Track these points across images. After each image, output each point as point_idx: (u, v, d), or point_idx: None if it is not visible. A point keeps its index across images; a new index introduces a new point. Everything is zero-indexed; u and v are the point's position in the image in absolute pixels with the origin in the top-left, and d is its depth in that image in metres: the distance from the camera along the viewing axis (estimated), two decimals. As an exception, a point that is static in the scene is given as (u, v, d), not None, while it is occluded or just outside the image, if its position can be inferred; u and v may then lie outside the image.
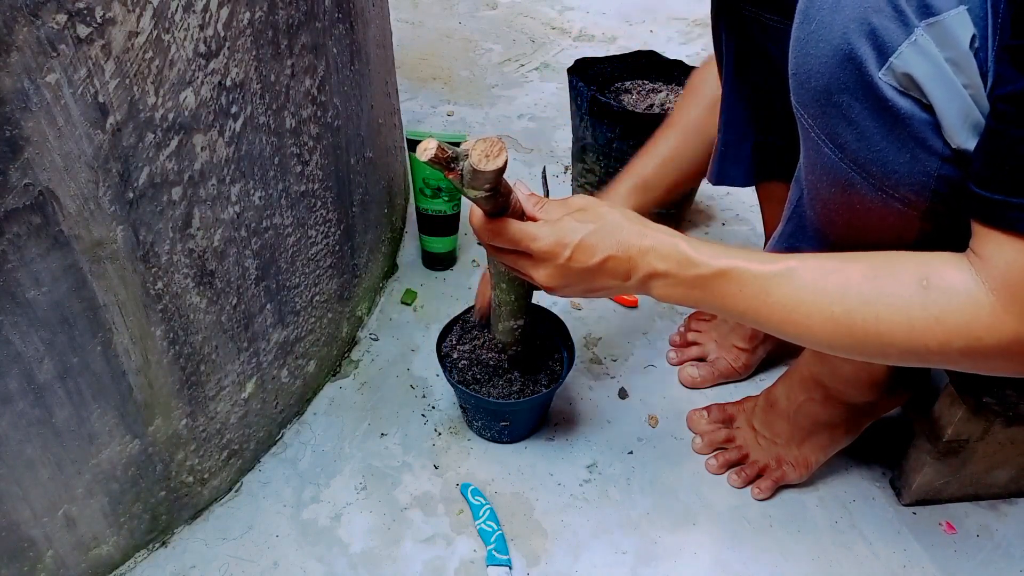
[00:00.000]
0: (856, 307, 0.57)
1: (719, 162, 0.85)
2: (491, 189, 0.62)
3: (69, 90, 0.51)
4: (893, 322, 0.56)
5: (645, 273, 0.64)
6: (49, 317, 0.58)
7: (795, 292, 0.59)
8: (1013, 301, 0.52)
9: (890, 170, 0.57)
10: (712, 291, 0.62)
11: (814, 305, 0.58)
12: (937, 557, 0.81)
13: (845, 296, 0.57)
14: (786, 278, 0.60)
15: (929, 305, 0.55)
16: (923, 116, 0.54)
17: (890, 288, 0.56)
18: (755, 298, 0.61)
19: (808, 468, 0.85)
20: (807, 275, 0.59)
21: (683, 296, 0.64)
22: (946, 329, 0.55)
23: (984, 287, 0.53)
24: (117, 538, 0.74)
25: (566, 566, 0.79)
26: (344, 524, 0.82)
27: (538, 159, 1.40)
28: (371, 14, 0.96)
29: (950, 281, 0.54)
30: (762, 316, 0.61)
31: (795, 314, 0.59)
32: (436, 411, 0.94)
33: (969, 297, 0.54)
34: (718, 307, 0.63)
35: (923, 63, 0.52)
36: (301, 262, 0.84)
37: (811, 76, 0.58)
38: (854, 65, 0.55)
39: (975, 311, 0.53)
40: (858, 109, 0.56)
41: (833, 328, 0.58)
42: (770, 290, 0.60)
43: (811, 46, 0.58)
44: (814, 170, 0.63)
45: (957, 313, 0.54)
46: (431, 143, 0.59)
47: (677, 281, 0.63)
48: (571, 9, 1.96)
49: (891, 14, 0.53)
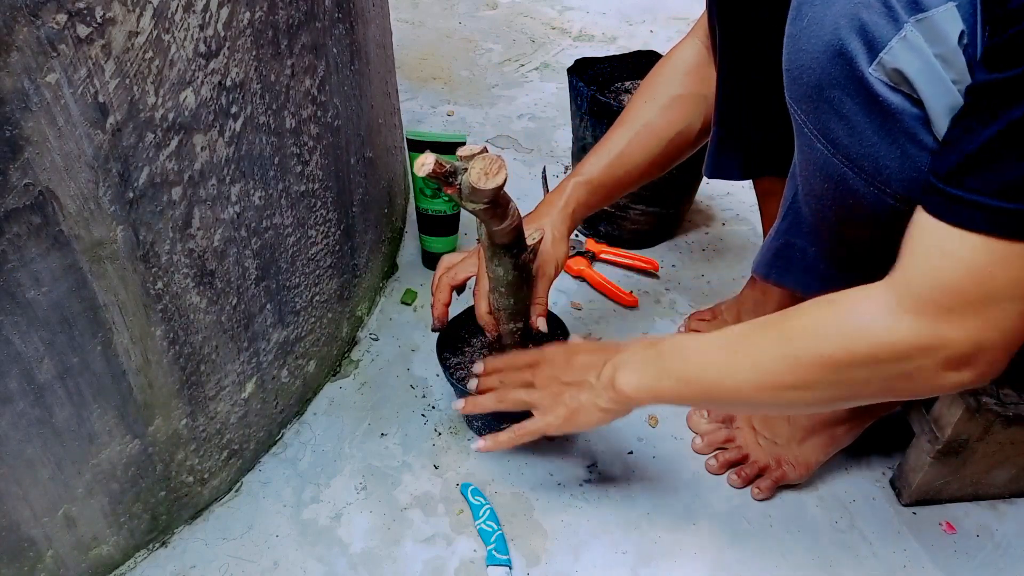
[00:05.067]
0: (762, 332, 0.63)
1: (714, 156, 0.85)
2: (490, 203, 0.62)
3: (69, 90, 0.51)
4: (803, 336, 0.60)
5: (616, 359, 0.71)
6: (49, 317, 0.58)
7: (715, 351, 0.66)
8: (910, 296, 0.53)
9: (881, 165, 0.57)
10: (664, 360, 0.68)
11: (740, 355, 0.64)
12: (937, 557, 0.81)
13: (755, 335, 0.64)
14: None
15: (832, 312, 0.59)
16: (913, 111, 0.54)
17: (801, 310, 0.61)
18: (700, 356, 0.67)
19: (808, 468, 0.85)
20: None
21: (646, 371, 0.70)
22: (847, 333, 0.57)
23: (887, 289, 0.55)
24: (117, 538, 0.74)
25: (566, 566, 0.79)
26: (344, 524, 0.82)
27: (538, 159, 1.40)
28: (371, 14, 0.96)
29: (857, 289, 0.57)
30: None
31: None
32: (436, 411, 0.94)
33: (868, 296, 0.56)
34: (677, 374, 0.67)
35: (913, 58, 0.52)
36: (301, 262, 0.84)
37: (803, 72, 0.59)
38: (844, 60, 0.55)
39: (875, 311, 0.56)
40: (849, 104, 0.56)
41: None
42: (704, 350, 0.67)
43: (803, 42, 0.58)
44: (807, 166, 0.63)
45: (857, 314, 0.57)
46: (429, 158, 0.59)
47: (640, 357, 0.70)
48: (571, 9, 1.96)
49: (881, 10, 0.53)
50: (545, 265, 0.81)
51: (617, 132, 0.87)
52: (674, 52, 0.89)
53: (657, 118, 0.86)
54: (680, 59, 0.88)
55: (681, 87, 0.86)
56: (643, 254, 1.18)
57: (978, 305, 0.51)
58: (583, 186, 0.85)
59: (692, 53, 0.87)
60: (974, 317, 0.51)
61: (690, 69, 0.87)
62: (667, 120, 0.86)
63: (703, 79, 0.85)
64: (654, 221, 1.18)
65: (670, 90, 0.86)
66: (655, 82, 0.88)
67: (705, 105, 0.86)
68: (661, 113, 0.86)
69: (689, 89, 0.86)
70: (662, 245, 1.22)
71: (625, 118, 0.88)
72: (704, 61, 0.86)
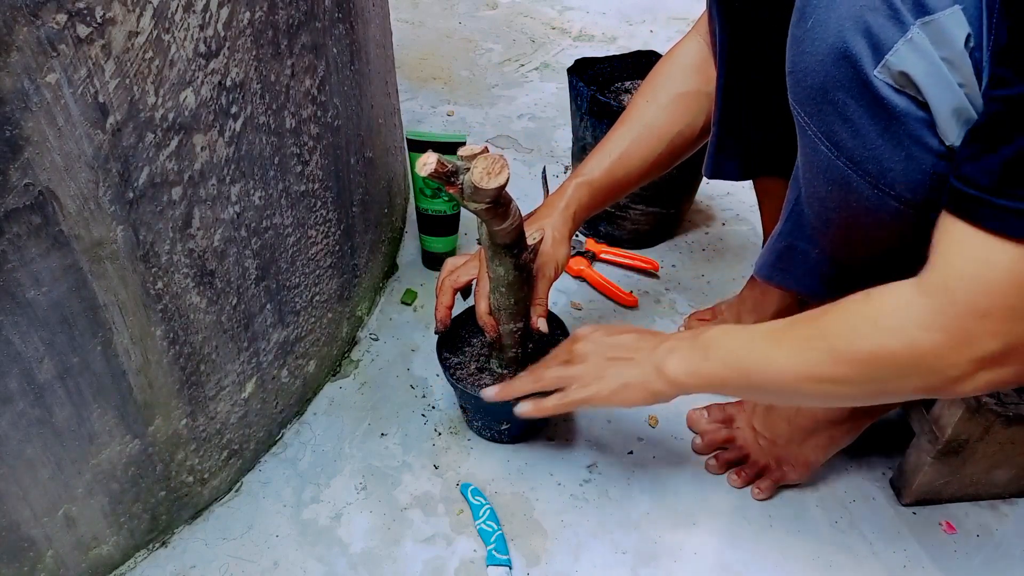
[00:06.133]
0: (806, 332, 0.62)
1: (714, 156, 0.85)
2: (492, 202, 0.62)
3: (69, 90, 0.51)
4: (841, 332, 0.59)
5: (664, 345, 0.71)
6: (49, 317, 0.58)
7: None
8: (948, 301, 0.53)
9: (886, 168, 0.57)
10: (710, 348, 0.68)
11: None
12: (937, 557, 0.81)
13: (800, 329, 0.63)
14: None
15: (867, 309, 0.58)
16: (919, 114, 0.54)
17: (839, 306, 0.60)
18: (742, 349, 0.66)
19: (808, 468, 0.85)
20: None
21: (691, 359, 0.69)
22: (884, 331, 0.56)
23: (922, 291, 0.54)
24: (117, 538, 0.74)
25: (566, 566, 0.79)
26: (344, 524, 0.82)
27: (538, 159, 1.40)
28: (371, 14, 0.96)
29: (890, 288, 0.56)
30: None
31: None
32: (436, 411, 0.94)
33: (902, 296, 0.55)
34: (723, 360, 0.67)
35: (918, 61, 0.52)
36: (301, 262, 0.84)
37: (807, 74, 0.58)
38: (849, 63, 0.55)
39: (909, 310, 0.55)
40: (854, 107, 0.56)
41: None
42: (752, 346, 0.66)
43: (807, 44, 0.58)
44: (811, 168, 0.63)
45: (895, 315, 0.56)
46: (431, 157, 0.59)
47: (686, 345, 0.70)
48: (571, 9, 1.96)
49: (886, 13, 0.53)
50: (545, 266, 0.81)
51: (618, 132, 0.87)
52: (676, 50, 0.89)
53: (658, 117, 0.86)
54: (682, 57, 0.88)
55: (683, 85, 0.86)
56: (643, 254, 1.18)
57: (1017, 310, 0.51)
58: (584, 187, 0.85)
59: (694, 51, 0.87)
60: (1011, 322, 0.51)
61: (692, 67, 0.86)
62: (669, 119, 0.86)
63: (705, 77, 0.85)
64: (654, 221, 1.18)
65: (672, 89, 0.86)
66: (656, 81, 0.88)
67: (707, 103, 0.85)
68: (662, 112, 0.86)
69: (691, 87, 0.86)
70: (662, 245, 1.22)
71: (626, 118, 0.88)
72: (706, 59, 0.86)
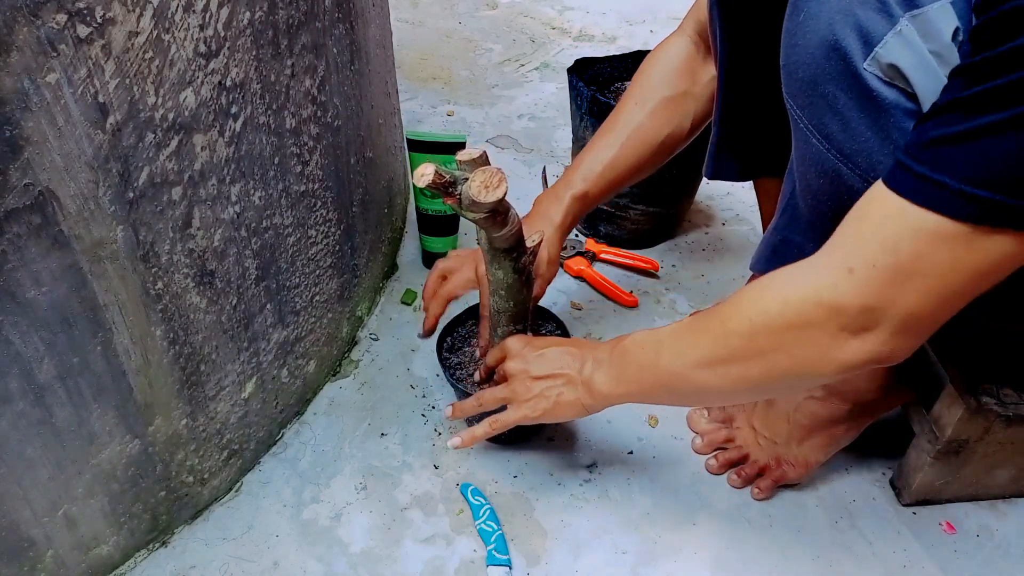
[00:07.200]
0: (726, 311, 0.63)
1: (714, 157, 0.85)
2: (490, 212, 0.62)
3: (69, 90, 0.51)
4: (728, 310, 0.62)
5: (593, 355, 0.73)
6: (49, 317, 0.58)
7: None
8: (828, 257, 0.55)
9: (875, 160, 0.57)
10: (627, 354, 0.70)
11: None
12: (937, 557, 0.81)
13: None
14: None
15: (759, 283, 0.60)
16: (907, 105, 0.54)
17: (738, 290, 0.63)
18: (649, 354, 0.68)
19: (808, 468, 0.85)
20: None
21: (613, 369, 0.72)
22: (764, 298, 0.59)
23: (815, 257, 0.56)
24: (117, 538, 0.74)
25: (566, 566, 0.79)
26: (344, 524, 0.82)
27: (538, 159, 1.40)
28: (371, 14, 0.96)
29: (808, 258, 0.58)
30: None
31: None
32: (436, 411, 0.94)
33: (793, 266, 0.58)
34: (637, 363, 0.69)
35: (908, 53, 0.53)
36: (301, 262, 0.84)
37: (799, 67, 0.59)
38: (839, 55, 0.55)
39: (791, 275, 0.58)
40: (843, 99, 0.57)
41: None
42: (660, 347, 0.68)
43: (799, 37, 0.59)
44: (803, 161, 0.64)
45: (778, 282, 0.59)
46: (428, 168, 0.59)
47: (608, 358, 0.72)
48: (571, 9, 1.96)
49: (876, 6, 0.54)
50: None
51: (608, 137, 0.88)
52: (661, 50, 0.90)
53: (647, 122, 0.87)
54: (668, 58, 0.88)
55: (670, 88, 0.87)
56: (643, 254, 1.18)
57: (899, 275, 0.51)
58: (579, 201, 0.88)
59: (680, 50, 0.88)
60: (891, 286, 0.52)
61: (678, 68, 0.87)
62: (657, 124, 0.87)
63: (691, 77, 0.86)
64: (654, 221, 1.18)
65: (659, 93, 0.87)
66: (643, 84, 0.89)
67: (695, 103, 0.87)
68: (651, 117, 0.87)
69: (678, 89, 0.87)
70: (662, 245, 1.22)
71: (616, 122, 0.88)
72: (692, 57, 0.86)
